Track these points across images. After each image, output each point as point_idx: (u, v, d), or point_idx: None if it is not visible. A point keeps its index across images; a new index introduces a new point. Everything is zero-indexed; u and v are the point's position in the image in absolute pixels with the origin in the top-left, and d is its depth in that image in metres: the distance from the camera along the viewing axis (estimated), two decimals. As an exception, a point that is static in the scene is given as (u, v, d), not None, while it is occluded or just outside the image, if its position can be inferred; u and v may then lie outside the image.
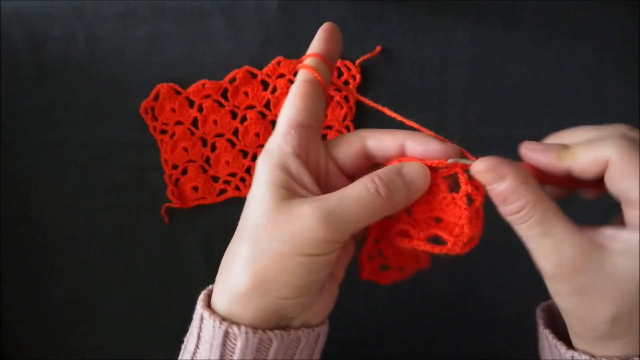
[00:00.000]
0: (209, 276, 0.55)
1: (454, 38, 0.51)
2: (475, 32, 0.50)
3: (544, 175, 0.31)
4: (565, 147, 0.30)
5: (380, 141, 0.32)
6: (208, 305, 0.32)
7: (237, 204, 0.54)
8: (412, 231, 0.32)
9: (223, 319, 0.30)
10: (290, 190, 0.30)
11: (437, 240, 0.32)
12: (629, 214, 0.29)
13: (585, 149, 0.30)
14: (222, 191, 0.53)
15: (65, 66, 0.51)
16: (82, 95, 0.52)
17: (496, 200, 0.30)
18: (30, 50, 0.51)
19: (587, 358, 0.30)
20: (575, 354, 0.31)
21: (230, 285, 0.30)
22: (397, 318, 0.56)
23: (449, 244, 0.31)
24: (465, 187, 0.31)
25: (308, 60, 0.33)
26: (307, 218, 0.28)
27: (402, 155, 0.32)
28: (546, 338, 0.34)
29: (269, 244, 0.29)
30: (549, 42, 0.51)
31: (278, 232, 0.29)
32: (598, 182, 0.30)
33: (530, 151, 0.31)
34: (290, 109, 0.32)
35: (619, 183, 0.29)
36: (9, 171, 0.53)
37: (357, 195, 0.29)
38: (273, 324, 0.30)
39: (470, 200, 0.31)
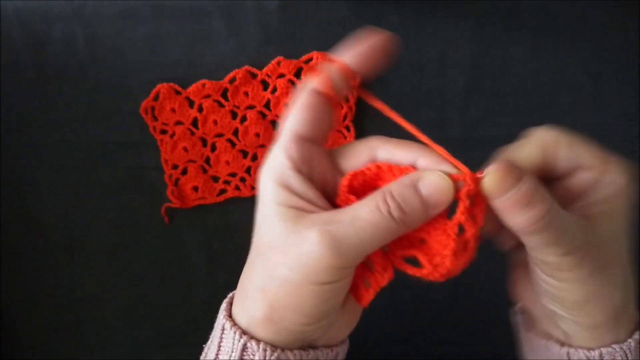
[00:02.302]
0: (209, 276, 0.55)
1: (454, 38, 0.51)
2: (475, 32, 0.50)
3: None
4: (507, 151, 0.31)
5: (391, 155, 0.30)
6: (230, 314, 0.31)
7: (237, 204, 0.54)
8: (391, 245, 0.30)
9: (243, 332, 0.29)
10: (297, 209, 0.28)
11: (414, 261, 0.30)
12: (583, 178, 0.29)
13: (522, 142, 0.30)
14: (222, 191, 0.53)
15: (65, 66, 0.51)
16: (82, 95, 0.52)
17: (515, 208, 0.27)
18: (30, 50, 0.51)
19: (585, 352, 0.30)
20: (572, 350, 0.31)
21: (247, 310, 0.30)
22: (397, 318, 0.56)
23: (425, 271, 0.29)
24: (460, 216, 0.28)
25: (329, 66, 0.30)
26: (315, 245, 0.26)
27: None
28: (530, 341, 0.34)
29: (280, 272, 0.28)
30: (549, 42, 0.51)
31: (287, 260, 0.27)
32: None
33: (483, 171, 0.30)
34: (293, 120, 0.30)
35: (567, 154, 0.29)
36: (9, 171, 0.53)
37: (368, 218, 0.27)
38: (295, 344, 0.30)
39: (461, 229, 0.28)
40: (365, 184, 0.30)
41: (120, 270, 0.55)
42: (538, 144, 0.29)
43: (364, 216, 0.27)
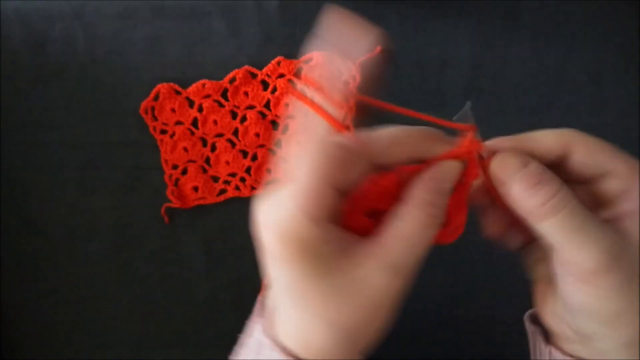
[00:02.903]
0: (209, 276, 0.55)
1: (454, 38, 0.51)
2: (475, 32, 0.50)
3: None
4: (519, 135, 0.30)
5: (389, 159, 0.29)
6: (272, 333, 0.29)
7: (237, 204, 0.54)
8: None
9: (285, 349, 0.28)
10: (335, 257, 0.26)
11: None
12: (611, 185, 0.28)
13: (543, 132, 0.29)
14: (222, 191, 0.53)
15: (65, 66, 0.51)
16: (82, 95, 0.52)
17: (521, 189, 0.27)
18: (30, 50, 0.51)
19: None
20: None
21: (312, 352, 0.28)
22: (397, 318, 0.55)
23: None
24: (470, 175, 0.29)
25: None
26: (381, 283, 0.26)
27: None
28: (549, 354, 0.32)
29: (350, 318, 0.26)
30: (549, 42, 0.51)
31: (355, 307, 0.26)
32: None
33: (491, 144, 0.30)
34: (315, 179, 0.26)
35: (592, 157, 0.28)
36: (9, 171, 0.53)
37: (416, 237, 0.27)
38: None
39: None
40: (362, 201, 0.29)
41: (121, 270, 0.55)
42: (559, 139, 0.29)
43: (412, 236, 0.27)
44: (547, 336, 0.33)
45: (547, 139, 0.29)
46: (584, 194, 0.29)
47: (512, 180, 0.28)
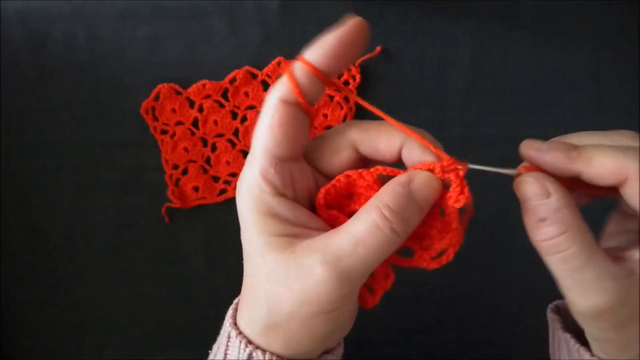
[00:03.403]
0: (209, 276, 0.55)
1: (454, 38, 0.51)
2: (475, 32, 0.50)
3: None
4: (574, 146, 0.27)
5: (374, 149, 0.29)
6: (235, 321, 0.30)
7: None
8: None
9: (249, 341, 0.28)
10: (290, 237, 0.27)
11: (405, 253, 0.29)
12: None
13: (603, 154, 0.26)
14: (223, 191, 0.53)
15: (65, 66, 0.51)
16: (82, 95, 0.52)
17: (532, 218, 0.27)
18: (30, 50, 0.51)
19: None
20: None
21: (255, 331, 0.28)
22: (397, 318, 0.56)
23: (415, 257, 0.29)
24: (456, 198, 0.27)
25: (298, 69, 0.27)
26: (320, 279, 0.25)
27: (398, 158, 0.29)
28: (566, 342, 0.32)
29: (288, 308, 0.27)
30: (549, 42, 0.51)
31: (294, 295, 0.26)
32: (604, 188, 0.27)
33: (534, 150, 0.28)
34: (268, 141, 0.27)
35: None
36: (9, 171, 0.53)
37: (371, 240, 0.26)
38: (304, 356, 0.29)
39: (442, 212, 0.28)
40: (339, 195, 0.29)
41: (120, 270, 0.55)
42: (616, 170, 0.26)
43: (366, 239, 0.26)
44: (566, 326, 0.33)
45: (604, 167, 0.26)
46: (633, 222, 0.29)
47: (525, 206, 0.27)
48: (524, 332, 0.55)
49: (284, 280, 0.26)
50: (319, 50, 0.27)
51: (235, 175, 0.53)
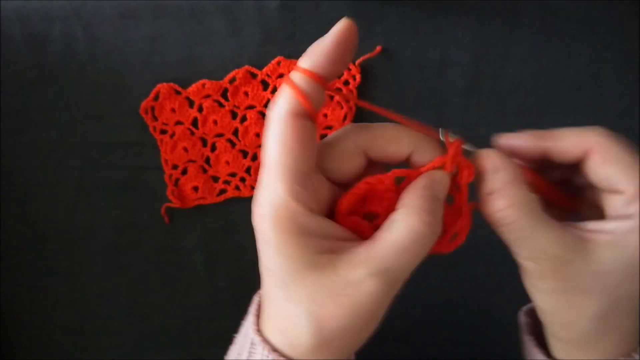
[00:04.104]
0: (209, 276, 0.55)
1: (454, 38, 0.51)
2: (475, 32, 0.50)
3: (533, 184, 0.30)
4: (542, 131, 0.30)
5: (384, 153, 0.29)
6: (258, 327, 0.29)
7: (237, 204, 0.54)
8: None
9: (273, 348, 0.28)
10: (327, 253, 0.26)
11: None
12: (611, 203, 0.29)
13: (568, 131, 0.30)
14: (222, 191, 0.53)
15: (65, 66, 0.51)
16: (82, 95, 0.52)
17: (483, 191, 0.29)
18: (30, 50, 0.51)
19: None
20: None
21: (299, 352, 0.27)
22: (397, 318, 0.55)
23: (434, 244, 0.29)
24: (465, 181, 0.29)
25: (299, 79, 0.27)
26: (369, 289, 0.26)
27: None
28: (526, 344, 0.34)
29: (338, 325, 0.26)
30: (549, 42, 0.51)
31: (345, 312, 0.26)
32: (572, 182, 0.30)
33: (506, 138, 0.31)
34: (285, 157, 0.26)
35: (603, 169, 0.29)
36: (9, 171, 0.53)
37: (410, 244, 0.26)
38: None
39: (451, 199, 0.30)
40: (357, 202, 0.29)
41: (120, 270, 0.55)
42: (581, 143, 0.29)
43: (410, 247, 0.26)
44: (536, 329, 0.34)
45: (569, 140, 0.29)
46: (592, 193, 0.30)
47: (478, 179, 0.29)
48: (524, 332, 0.55)
49: (329, 298, 0.26)
50: (314, 56, 0.27)
51: (235, 175, 0.53)
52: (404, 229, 0.26)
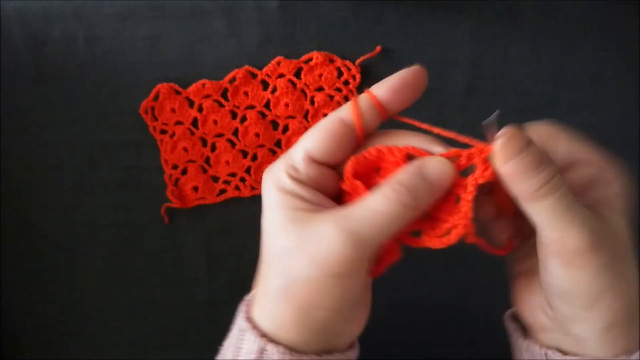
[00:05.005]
0: (209, 276, 0.55)
1: (454, 38, 0.51)
2: (475, 32, 0.50)
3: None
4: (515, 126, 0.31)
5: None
6: (248, 316, 0.31)
7: (237, 204, 0.54)
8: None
9: (262, 334, 0.30)
10: (307, 211, 0.29)
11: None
12: (582, 173, 0.30)
13: (534, 124, 0.31)
14: (222, 191, 0.53)
15: (65, 66, 0.51)
16: (82, 95, 0.52)
17: (525, 171, 0.27)
18: (30, 50, 0.51)
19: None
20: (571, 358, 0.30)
21: (270, 313, 0.30)
22: (397, 318, 0.56)
23: (423, 236, 0.30)
24: (475, 179, 0.29)
25: (362, 98, 0.30)
26: (331, 240, 0.27)
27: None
28: (527, 350, 0.33)
29: (301, 272, 0.28)
30: (549, 42, 0.51)
31: (306, 258, 0.28)
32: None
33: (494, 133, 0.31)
34: (311, 141, 0.30)
35: (568, 146, 0.30)
36: (9, 171, 0.53)
37: (380, 208, 0.28)
38: (317, 345, 0.30)
39: (458, 199, 0.29)
40: (367, 167, 0.30)
41: (120, 270, 0.55)
42: (535, 134, 0.29)
43: (375, 207, 0.28)
44: (526, 332, 0.35)
45: (539, 130, 0.30)
46: None
47: (512, 163, 0.28)
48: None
49: (298, 247, 0.28)
50: (382, 86, 0.31)
51: (235, 175, 0.53)
52: (379, 196, 0.28)
